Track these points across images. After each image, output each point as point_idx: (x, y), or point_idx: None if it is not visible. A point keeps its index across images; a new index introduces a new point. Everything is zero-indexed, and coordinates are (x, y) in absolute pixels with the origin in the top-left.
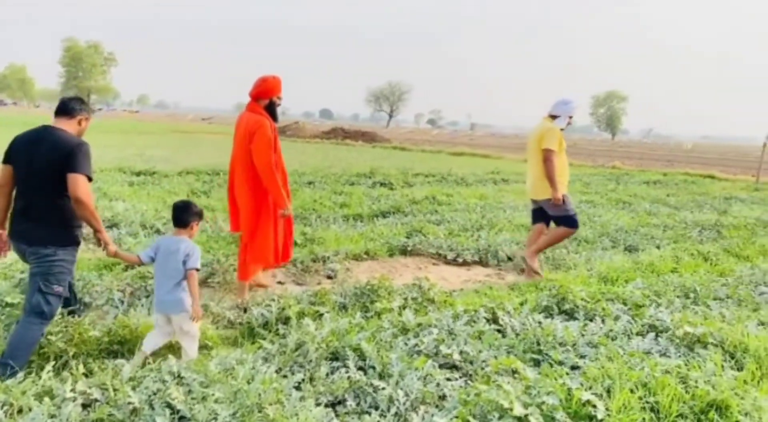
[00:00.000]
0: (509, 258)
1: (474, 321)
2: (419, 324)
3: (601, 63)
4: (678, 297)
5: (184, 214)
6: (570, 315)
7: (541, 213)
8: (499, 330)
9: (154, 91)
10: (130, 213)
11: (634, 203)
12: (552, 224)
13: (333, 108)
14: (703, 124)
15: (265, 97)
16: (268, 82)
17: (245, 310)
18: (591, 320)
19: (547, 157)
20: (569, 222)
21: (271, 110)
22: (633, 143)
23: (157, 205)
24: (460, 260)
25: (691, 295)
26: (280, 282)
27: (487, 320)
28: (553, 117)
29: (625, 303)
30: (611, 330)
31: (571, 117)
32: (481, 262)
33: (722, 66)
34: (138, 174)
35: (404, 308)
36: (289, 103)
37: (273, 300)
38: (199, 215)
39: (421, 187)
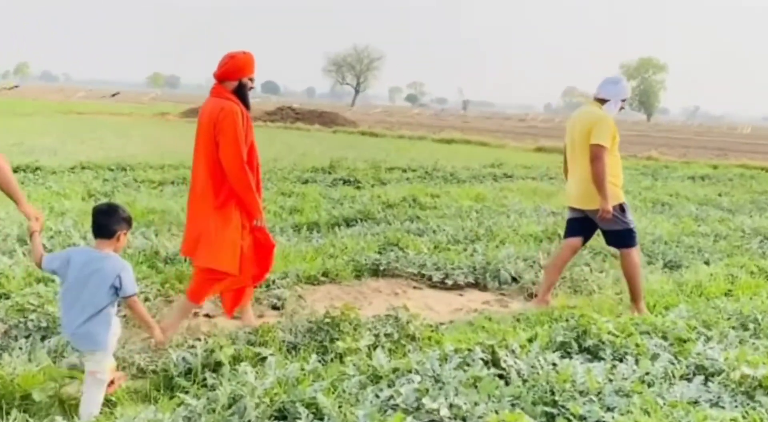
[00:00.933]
0: (514, 280)
1: (468, 364)
2: (395, 370)
3: (631, 24)
4: (733, 328)
5: (108, 220)
6: (593, 354)
7: (579, 226)
8: (500, 376)
9: (37, 58)
10: (4, 223)
11: (676, 205)
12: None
13: (280, 80)
14: (765, 101)
15: (232, 78)
16: (237, 60)
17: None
18: (621, 360)
19: (597, 154)
20: (628, 238)
21: (241, 94)
22: (674, 126)
23: (41, 210)
24: (449, 282)
25: (751, 326)
26: (207, 316)
27: (485, 362)
28: (601, 101)
29: (665, 338)
30: (647, 374)
31: (624, 100)
32: (478, 285)
33: None
34: (15, 170)
35: (375, 348)
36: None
37: (198, 339)
38: (128, 222)
39: (398, 185)
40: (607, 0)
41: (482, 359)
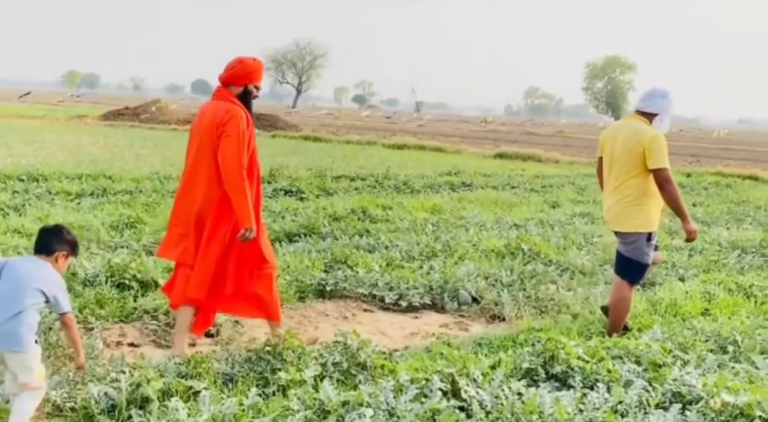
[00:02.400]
0: (475, 300)
1: (425, 396)
2: (345, 403)
3: (597, 21)
4: (711, 351)
5: (49, 239)
6: (562, 381)
7: None
8: (461, 408)
9: None
10: None
11: None
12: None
13: (212, 79)
14: (741, 102)
15: (238, 83)
16: (246, 65)
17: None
18: (591, 388)
19: (666, 178)
20: (636, 272)
21: (245, 100)
22: None
23: None
24: (403, 304)
25: (730, 348)
26: (132, 344)
27: (444, 393)
28: (646, 115)
29: (638, 362)
30: (620, 403)
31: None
32: (435, 306)
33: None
34: None
35: (322, 379)
36: (145, 71)
37: (122, 372)
38: (71, 246)
39: (346, 195)
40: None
41: (441, 389)
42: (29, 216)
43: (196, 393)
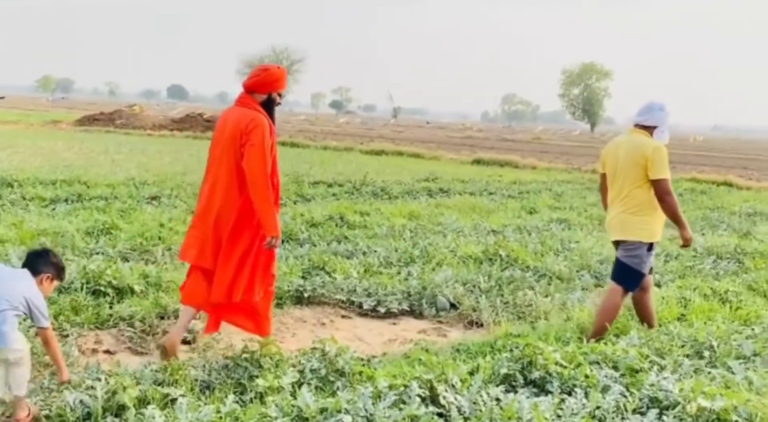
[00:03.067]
0: (453, 306)
1: (404, 402)
2: (323, 410)
3: (573, 29)
4: (688, 356)
5: (36, 260)
6: (540, 387)
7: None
8: (440, 414)
9: None
10: None
11: None
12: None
13: (188, 84)
14: (715, 110)
15: (262, 91)
16: (270, 73)
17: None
18: (569, 393)
19: (666, 189)
20: (632, 280)
21: (268, 108)
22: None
23: None
24: (381, 310)
25: (706, 354)
26: (108, 351)
27: (423, 399)
28: (647, 128)
29: (615, 368)
30: (598, 408)
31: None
32: (413, 313)
33: (740, 32)
34: None
35: (300, 386)
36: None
37: (98, 379)
38: (57, 269)
39: (323, 201)
40: (548, 4)
41: (419, 395)
42: (3, 222)
43: (173, 401)
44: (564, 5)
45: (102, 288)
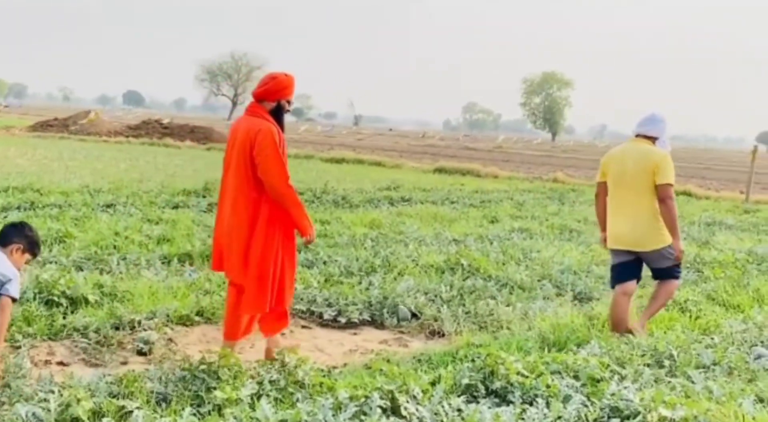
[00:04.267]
0: (414, 316)
1: (365, 413)
2: None
3: (534, 37)
4: (648, 365)
5: (9, 230)
6: (502, 396)
7: (635, 269)
8: None
9: None
10: None
11: (585, 232)
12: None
13: (144, 90)
14: (673, 120)
15: (271, 99)
16: (279, 81)
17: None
18: (531, 403)
19: (669, 194)
20: (676, 271)
21: (277, 116)
22: (581, 146)
23: None
24: (342, 320)
25: (666, 363)
26: (61, 363)
27: (384, 410)
28: (649, 138)
29: (577, 377)
30: (559, 418)
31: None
32: (374, 323)
33: (696, 45)
34: None
35: (259, 397)
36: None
37: (51, 391)
38: (30, 243)
39: None
40: (509, 11)
41: (381, 407)
42: None
43: (128, 413)
44: (527, 14)
45: (55, 299)
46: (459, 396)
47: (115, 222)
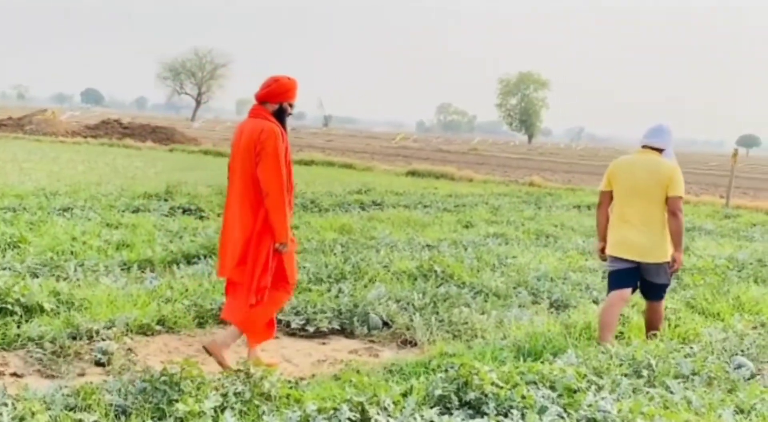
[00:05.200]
0: (386, 324)
1: None
2: None
3: (510, 37)
4: (626, 375)
5: None
6: (476, 408)
7: (634, 277)
8: None
9: None
10: None
11: (562, 237)
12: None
13: (104, 88)
14: (652, 121)
15: (273, 101)
16: (281, 84)
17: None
18: (506, 415)
19: (680, 207)
20: (664, 292)
21: (279, 117)
22: (558, 149)
23: None
24: (310, 329)
25: (645, 373)
26: (15, 374)
27: None
28: (656, 150)
29: (553, 388)
30: None
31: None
32: (344, 331)
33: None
34: None
35: (223, 410)
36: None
37: (5, 404)
38: None
39: None
40: (485, 10)
41: (350, 419)
42: None
43: None
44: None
45: (9, 307)
46: (431, 407)
47: (73, 227)
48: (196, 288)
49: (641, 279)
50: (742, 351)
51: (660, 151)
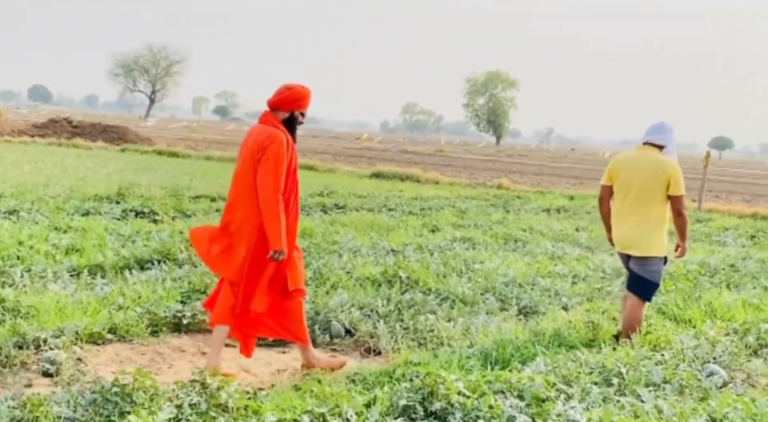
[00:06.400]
0: (349, 332)
1: None
2: None
3: (477, 36)
4: (596, 384)
5: None
6: (442, 418)
7: None
8: None
9: None
10: None
11: (530, 242)
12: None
13: (52, 85)
14: (623, 123)
15: (284, 109)
16: (294, 92)
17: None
18: None
19: (684, 204)
20: (649, 291)
21: (290, 126)
22: (527, 150)
23: None
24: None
25: (615, 381)
26: None
27: None
28: (657, 147)
29: (521, 397)
30: None
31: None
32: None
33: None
34: None
35: None
36: None
37: None
38: None
39: (206, 217)
40: (449, 9)
41: None
42: None
43: None
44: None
45: None
46: (396, 418)
47: (19, 231)
48: (150, 295)
49: (629, 272)
50: (714, 358)
51: (660, 148)
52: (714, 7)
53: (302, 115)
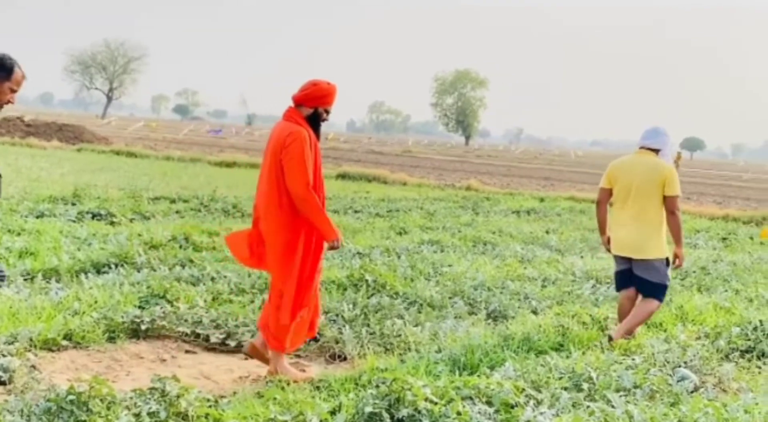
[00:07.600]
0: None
1: None
2: None
3: (445, 35)
4: (566, 389)
5: None
6: None
7: (632, 276)
8: None
9: None
10: None
11: (500, 244)
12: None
13: None
14: (593, 124)
15: (309, 105)
16: (319, 89)
17: None
18: None
19: (677, 205)
20: (660, 292)
21: (314, 122)
22: (496, 151)
23: None
24: (232, 344)
25: (585, 386)
26: None
27: None
28: (653, 151)
29: (490, 403)
30: None
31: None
32: None
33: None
34: None
35: None
36: None
37: None
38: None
39: (165, 219)
40: (418, 8)
41: None
42: None
43: None
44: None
45: None
46: None
47: None
48: (107, 300)
49: (633, 274)
50: (685, 362)
51: (656, 151)
52: (683, 2)
53: (327, 112)
